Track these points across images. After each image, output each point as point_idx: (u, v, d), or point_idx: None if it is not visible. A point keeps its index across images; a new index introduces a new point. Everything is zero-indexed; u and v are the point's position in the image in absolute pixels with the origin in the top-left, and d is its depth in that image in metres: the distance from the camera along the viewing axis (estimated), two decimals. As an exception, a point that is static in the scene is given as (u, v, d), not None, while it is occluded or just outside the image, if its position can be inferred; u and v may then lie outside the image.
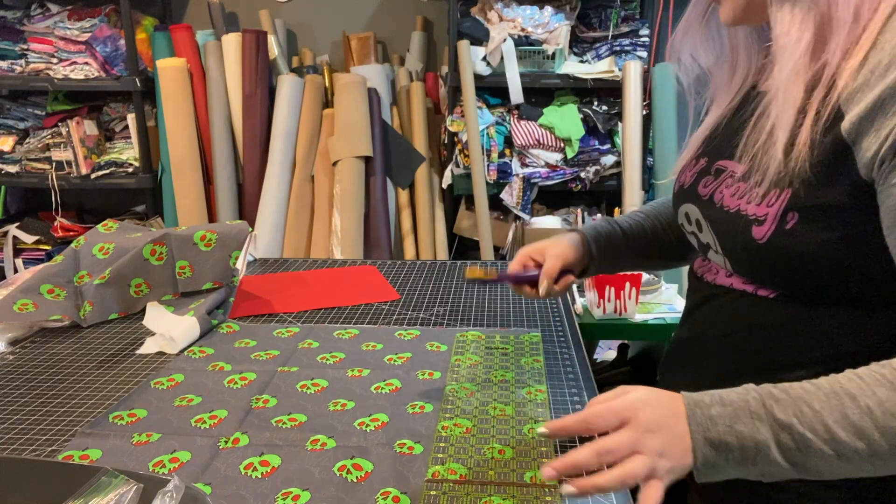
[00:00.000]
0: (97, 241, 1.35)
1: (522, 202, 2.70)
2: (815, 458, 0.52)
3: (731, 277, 0.71)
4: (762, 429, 0.53)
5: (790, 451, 0.52)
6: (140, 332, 1.24)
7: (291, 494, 0.77)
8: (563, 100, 2.78)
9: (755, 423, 0.53)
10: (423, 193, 2.82)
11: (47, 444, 0.87)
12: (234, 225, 1.36)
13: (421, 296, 1.44)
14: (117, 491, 0.67)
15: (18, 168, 2.85)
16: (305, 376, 1.06)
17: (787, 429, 0.52)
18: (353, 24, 3.10)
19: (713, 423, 0.54)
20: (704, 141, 0.78)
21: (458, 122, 2.70)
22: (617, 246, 0.96)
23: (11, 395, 1.00)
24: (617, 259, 0.97)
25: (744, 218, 0.65)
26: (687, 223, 0.77)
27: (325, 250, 2.71)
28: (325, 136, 2.77)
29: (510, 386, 1.03)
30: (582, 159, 2.70)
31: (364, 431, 0.90)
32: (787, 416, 0.52)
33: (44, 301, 1.24)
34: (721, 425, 0.54)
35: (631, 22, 2.76)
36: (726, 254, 0.70)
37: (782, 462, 0.52)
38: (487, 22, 2.72)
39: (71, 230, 2.93)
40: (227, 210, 2.79)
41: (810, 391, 0.53)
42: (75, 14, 2.76)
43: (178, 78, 2.70)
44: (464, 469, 0.81)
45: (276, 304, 1.38)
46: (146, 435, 0.89)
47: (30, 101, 2.90)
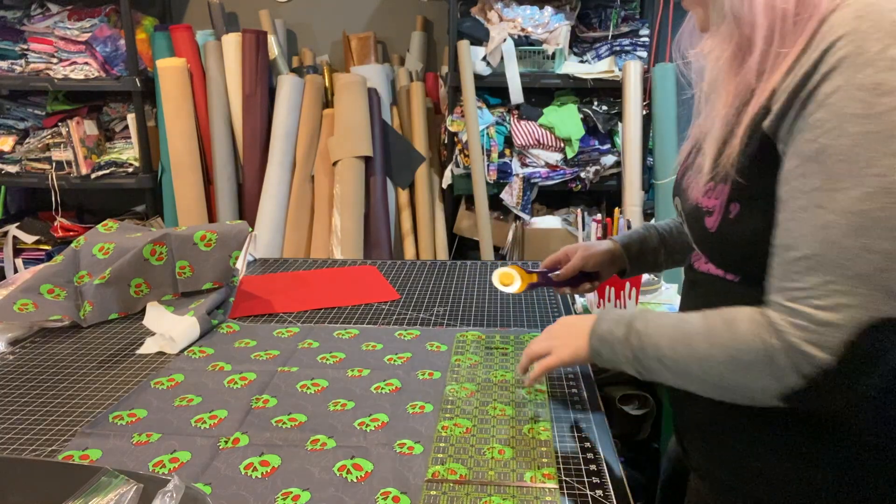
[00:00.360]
0: (97, 241, 1.35)
1: (522, 202, 2.70)
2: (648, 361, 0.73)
3: (708, 264, 0.77)
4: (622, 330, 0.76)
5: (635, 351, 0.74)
6: (140, 332, 1.24)
7: (291, 494, 0.77)
8: (563, 100, 2.78)
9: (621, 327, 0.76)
10: (423, 193, 2.82)
11: (47, 444, 0.87)
12: (234, 225, 1.36)
13: (421, 296, 1.44)
14: (117, 491, 0.67)
15: (18, 168, 2.85)
16: (305, 376, 1.06)
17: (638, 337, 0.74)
18: (353, 24, 3.10)
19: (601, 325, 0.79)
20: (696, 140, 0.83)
21: (458, 122, 2.70)
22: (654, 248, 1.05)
23: (11, 395, 1.00)
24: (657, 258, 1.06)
25: (701, 210, 0.72)
26: (678, 214, 0.85)
27: (325, 250, 2.71)
28: (325, 136, 2.77)
29: (510, 386, 1.03)
30: (582, 159, 2.70)
31: (364, 431, 0.90)
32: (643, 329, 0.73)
33: (44, 301, 1.24)
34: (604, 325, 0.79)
35: (631, 22, 2.76)
36: (694, 242, 0.78)
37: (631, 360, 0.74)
38: (487, 22, 2.72)
39: (71, 230, 2.93)
40: (227, 210, 2.79)
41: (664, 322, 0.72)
42: (75, 14, 2.76)
43: (178, 78, 2.70)
44: (464, 469, 0.81)
45: (276, 304, 1.38)
46: (146, 435, 0.89)
47: (30, 101, 2.90)
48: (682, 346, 0.68)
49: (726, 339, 0.65)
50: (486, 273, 1.59)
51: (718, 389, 0.67)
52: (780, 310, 0.61)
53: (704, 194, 0.72)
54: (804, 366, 0.59)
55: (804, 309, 0.59)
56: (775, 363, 0.61)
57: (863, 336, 0.57)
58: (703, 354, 0.66)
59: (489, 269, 1.62)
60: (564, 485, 0.79)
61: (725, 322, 0.65)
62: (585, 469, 0.82)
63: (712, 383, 0.67)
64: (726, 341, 0.64)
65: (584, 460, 0.84)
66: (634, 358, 0.74)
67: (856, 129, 0.56)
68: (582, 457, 0.85)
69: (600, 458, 0.84)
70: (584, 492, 0.78)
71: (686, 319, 0.70)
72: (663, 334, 0.71)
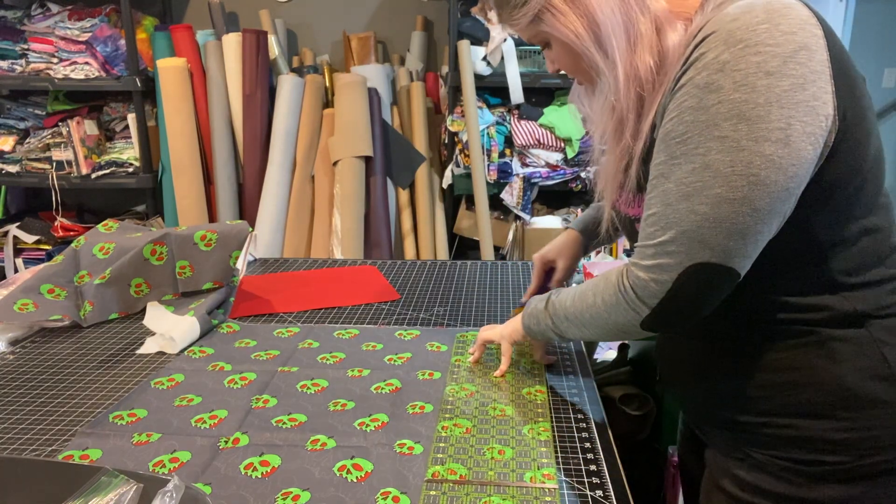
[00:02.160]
0: (97, 241, 1.35)
1: (523, 202, 2.70)
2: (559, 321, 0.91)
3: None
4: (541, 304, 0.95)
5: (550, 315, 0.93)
6: (140, 332, 1.24)
7: (291, 494, 0.77)
8: (563, 100, 2.77)
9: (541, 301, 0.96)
10: (423, 193, 2.82)
11: (47, 444, 0.87)
12: (234, 225, 1.36)
13: (421, 296, 1.44)
14: (117, 491, 0.67)
15: (19, 168, 2.85)
16: (305, 376, 1.06)
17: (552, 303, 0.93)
18: (353, 24, 3.10)
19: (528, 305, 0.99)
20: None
21: (459, 122, 2.70)
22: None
23: (11, 395, 1.00)
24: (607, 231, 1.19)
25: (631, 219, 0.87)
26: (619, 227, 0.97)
27: (325, 250, 2.71)
28: (325, 136, 2.77)
29: (510, 386, 1.03)
30: (582, 159, 2.70)
31: (364, 431, 0.90)
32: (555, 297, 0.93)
33: (44, 301, 1.24)
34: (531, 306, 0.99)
35: (631, 22, 2.76)
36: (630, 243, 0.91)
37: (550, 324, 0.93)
38: (488, 22, 2.72)
39: (71, 230, 2.93)
40: (227, 210, 2.79)
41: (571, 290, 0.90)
42: (76, 14, 2.76)
43: (179, 78, 2.70)
44: (464, 469, 0.81)
45: (276, 304, 1.38)
46: (146, 435, 0.89)
47: (30, 101, 2.90)
48: (579, 301, 0.87)
49: (602, 288, 0.83)
50: (486, 273, 1.59)
51: (605, 330, 0.85)
52: (636, 253, 0.77)
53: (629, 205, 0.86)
54: (647, 297, 0.75)
55: (646, 253, 0.75)
56: (629, 298, 0.78)
57: (685, 274, 0.72)
58: (590, 302, 0.84)
59: (489, 269, 1.62)
60: (564, 485, 0.79)
61: (604, 276, 0.84)
62: (585, 469, 0.82)
63: (599, 326, 0.84)
64: (601, 289, 0.83)
65: (584, 460, 0.84)
66: (552, 322, 0.92)
67: (689, 118, 0.69)
68: (582, 457, 0.85)
69: (600, 458, 0.84)
70: (584, 492, 0.78)
71: (585, 283, 0.88)
72: (568, 296, 0.90)
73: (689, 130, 0.69)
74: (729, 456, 0.86)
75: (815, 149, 0.68)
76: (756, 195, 0.67)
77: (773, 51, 0.65)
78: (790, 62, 0.65)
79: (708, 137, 0.68)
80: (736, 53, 0.66)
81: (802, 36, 0.66)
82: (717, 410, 0.86)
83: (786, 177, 0.67)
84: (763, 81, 0.65)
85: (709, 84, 0.67)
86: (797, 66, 0.65)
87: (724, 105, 0.67)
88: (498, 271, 1.60)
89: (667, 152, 0.72)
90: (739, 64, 0.66)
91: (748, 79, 0.66)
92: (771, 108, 0.65)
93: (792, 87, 0.65)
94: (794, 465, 0.79)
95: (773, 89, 0.65)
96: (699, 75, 0.68)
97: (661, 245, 0.73)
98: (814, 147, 0.68)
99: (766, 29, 0.66)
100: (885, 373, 0.76)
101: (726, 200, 0.68)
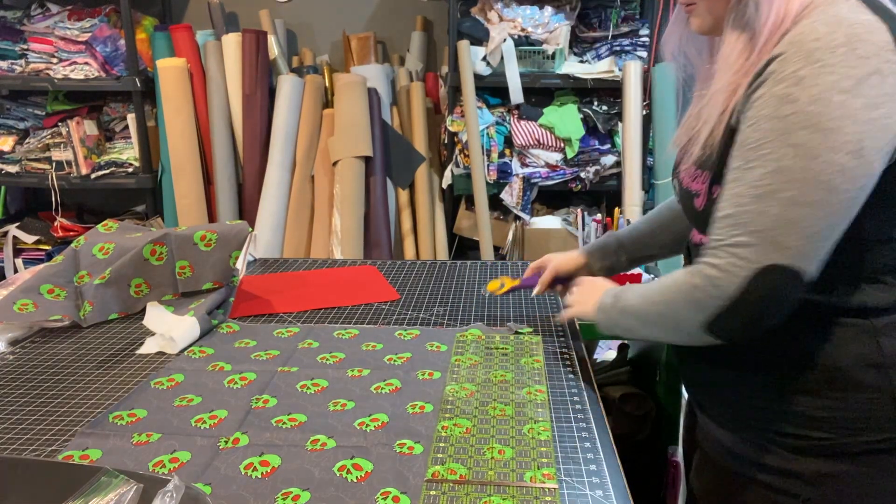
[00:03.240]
0: (97, 241, 1.35)
1: (522, 202, 2.70)
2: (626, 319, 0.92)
3: (702, 236, 0.90)
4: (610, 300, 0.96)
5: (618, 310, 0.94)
6: (140, 332, 1.24)
7: (291, 494, 0.77)
8: (563, 100, 2.78)
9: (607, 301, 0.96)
10: (423, 193, 2.82)
11: (47, 444, 0.87)
12: (234, 225, 1.36)
13: (421, 296, 1.44)
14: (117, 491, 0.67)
15: (18, 168, 2.85)
16: (305, 376, 1.06)
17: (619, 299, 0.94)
18: (353, 24, 3.10)
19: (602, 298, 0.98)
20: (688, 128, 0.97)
21: (458, 122, 2.70)
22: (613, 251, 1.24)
23: (11, 395, 1.00)
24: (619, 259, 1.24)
25: (690, 193, 0.88)
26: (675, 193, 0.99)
27: (325, 250, 2.71)
28: (325, 136, 2.77)
29: (510, 386, 1.03)
30: (582, 159, 2.70)
31: (364, 431, 0.90)
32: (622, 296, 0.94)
33: (44, 301, 1.24)
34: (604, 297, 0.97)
35: (631, 22, 2.76)
36: (688, 218, 0.93)
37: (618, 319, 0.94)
38: (487, 22, 2.72)
39: (71, 230, 2.93)
40: (227, 210, 2.79)
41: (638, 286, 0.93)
42: (75, 14, 2.76)
43: (178, 78, 2.70)
44: (464, 469, 0.81)
45: (276, 304, 1.38)
46: (146, 435, 0.89)
47: (30, 101, 2.90)
48: (645, 298, 0.88)
49: (668, 285, 0.84)
50: (486, 273, 1.59)
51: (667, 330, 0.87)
52: (706, 254, 0.79)
53: (693, 180, 0.88)
54: (716, 297, 0.76)
55: (718, 252, 0.77)
56: (696, 297, 0.79)
57: (757, 275, 0.74)
58: (656, 300, 0.86)
59: (489, 270, 1.62)
60: (564, 485, 0.79)
61: (670, 275, 0.85)
62: (585, 469, 0.82)
63: (662, 325, 0.86)
64: (668, 286, 0.84)
65: (584, 460, 0.84)
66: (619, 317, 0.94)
67: (766, 126, 0.73)
68: (582, 457, 0.85)
69: (600, 458, 0.84)
70: (584, 492, 0.78)
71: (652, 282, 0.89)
72: (635, 294, 0.91)
73: (764, 137, 0.73)
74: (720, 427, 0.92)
75: (882, 164, 0.72)
76: (828, 201, 0.70)
77: (848, 73, 0.69)
78: (863, 84, 0.69)
79: (783, 144, 0.71)
80: (813, 71, 0.70)
81: (877, 62, 0.70)
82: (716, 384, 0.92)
83: (855, 187, 0.71)
84: (838, 98, 0.69)
85: (786, 95, 0.71)
86: (870, 88, 0.69)
87: (799, 116, 0.70)
88: (498, 271, 1.60)
89: (742, 158, 0.75)
90: (816, 80, 0.70)
91: (824, 94, 0.69)
92: (845, 122, 0.69)
93: (865, 107, 0.69)
94: (780, 438, 0.85)
95: (848, 106, 0.69)
96: (777, 87, 0.72)
97: (733, 245, 0.75)
98: (881, 162, 0.72)
99: (844, 52, 0.70)
100: (878, 360, 0.80)
101: (798, 203, 0.71)
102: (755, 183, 0.73)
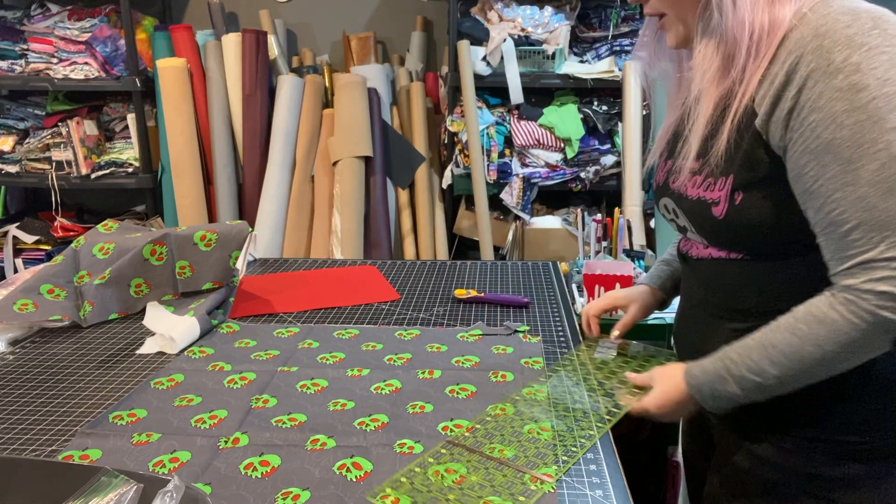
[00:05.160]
0: (97, 241, 1.35)
1: (522, 202, 2.70)
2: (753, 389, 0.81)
3: (709, 249, 0.90)
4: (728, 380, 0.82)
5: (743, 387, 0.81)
6: (140, 332, 1.24)
7: (291, 494, 0.77)
8: (563, 100, 2.77)
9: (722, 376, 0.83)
10: (423, 193, 2.82)
11: (47, 444, 0.87)
12: (234, 225, 1.36)
13: (421, 296, 1.44)
14: (117, 491, 0.67)
15: (18, 168, 2.85)
16: (305, 376, 1.06)
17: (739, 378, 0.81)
18: (353, 24, 3.10)
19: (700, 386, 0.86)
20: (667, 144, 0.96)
21: (458, 122, 2.70)
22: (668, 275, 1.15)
23: (11, 395, 1.00)
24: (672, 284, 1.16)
25: (704, 203, 0.85)
26: (666, 212, 0.96)
27: (325, 250, 2.71)
28: (325, 136, 2.77)
29: (510, 386, 1.03)
30: (582, 159, 2.70)
31: (364, 431, 0.90)
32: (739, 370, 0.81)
33: (44, 301, 1.24)
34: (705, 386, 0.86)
35: (631, 22, 2.76)
36: (699, 231, 0.89)
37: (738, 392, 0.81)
38: (487, 22, 2.72)
39: (71, 230, 2.93)
40: (227, 210, 2.79)
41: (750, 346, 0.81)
42: (75, 14, 2.76)
43: (178, 78, 2.70)
44: (464, 469, 0.81)
45: (276, 304, 1.38)
46: (146, 435, 0.89)
47: (30, 101, 2.90)
48: (788, 360, 0.77)
49: (831, 335, 0.74)
50: (486, 273, 1.59)
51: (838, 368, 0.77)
52: (854, 275, 0.72)
53: (705, 189, 0.84)
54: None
55: (877, 265, 0.70)
56: (879, 321, 0.71)
57: None
58: (819, 357, 0.76)
59: (489, 269, 1.62)
60: (564, 485, 0.79)
61: (817, 322, 0.75)
62: (585, 469, 0.82)
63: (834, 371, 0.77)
64: (832, 336, 0.74)
65: (584, 460, 0.84)
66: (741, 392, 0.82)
67: (850, 121, 0.70)
68: (582, 457, 0.85)
69: (600, 458, 0.84)
70: (584, 492, 0.78)
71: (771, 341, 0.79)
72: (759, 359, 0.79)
73: (856, 133, 0.70)
74: (745, 434, 0.89)
75: None
76: None
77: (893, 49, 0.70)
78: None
79: (881, 131, 0.69)
80: (865, 55, 0.70)
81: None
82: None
83: None
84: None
85: (852, 86, 0.70)
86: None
87: (880, 100, 0.69)
88: (498, 271, 1.60)
89: (839, 161, 0.71)
90: (873, 62, 0.69)
91: (888, 73, 0.69)
92: None
93: None
94: (815, 444, 0.83)
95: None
96: (834, 80, 0.70)
97: (889, 251, 0.70)
98: None
99: (879, 33, 0.70)
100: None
101: None
102: (874, 179, 0.69)
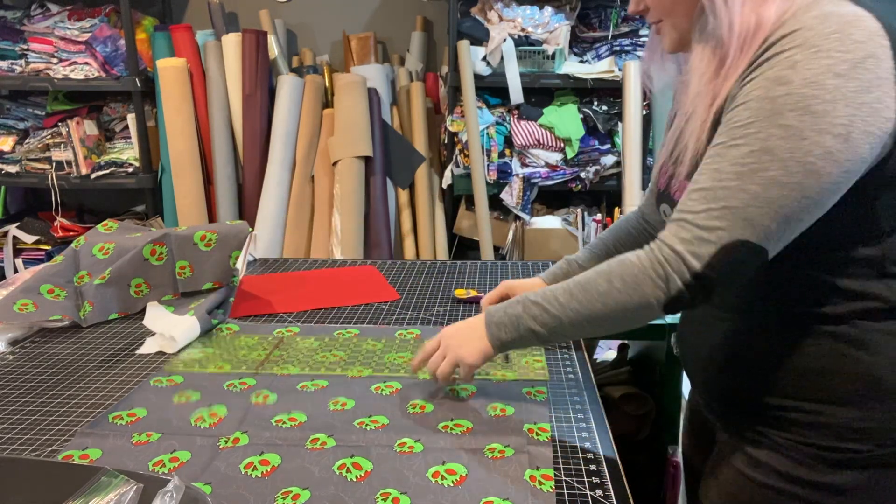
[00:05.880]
0: (97, 241, 1.35)
1: (522, 202, 2.70)
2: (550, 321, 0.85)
3: None
4: (518, 308, 0.89)
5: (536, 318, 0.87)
6: (140, 332, 1.24)
7: (291, 494, 0.77)
8: (563, 100, 2.78)
9: (515, 306, 0.89)
10: (423, 193, 2.82)
11: (47, 444, 0.87)
12: (234, 225, 1.36)
13: (421, 296, 1.44)
14: (117, 491, 0.67)
15: (18, 168, 2.85)
16: (305, 377, 1.06)
17: (534, 305, 0.87)
18: (353, 24, 3.10)
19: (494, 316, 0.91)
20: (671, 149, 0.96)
21: (458, 122, 2.70)
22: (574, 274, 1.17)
23: (11, 395, 1.00)
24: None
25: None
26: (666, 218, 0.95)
27: (325, 250, 2.71)
28: (325, 136, 2.78)
29: (510, 386, 1.03)
30: (582, 159, 2.70)
31: (364, 430, 0.90)
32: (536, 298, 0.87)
33: (44, 301, 1.24)
34: (497, 314, 0.91)
35: (631, 22, 2.76)
36: None
37: (534, 326, 0.86)
38: (487, 22, 2.72)
39: (71, 230, 2.93)
40: (227, 210, 2.79)
41: (553, 288, 0.86)
42: (75, 14, 2.76)
43: (178, 78, 2.70)
44: (463, 469, 0.81)
45: (276, 304, 1.38)
46: (146, 435, 0.89)
47: (30, 101, 2.90)
48: (585, 292, 0.83)
49: (621, 271, 0.80)
50: (486, 273, 1.59)
51: (617, 319, 0.82)
52: (670, 228, 0.77)
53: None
54: (680, 273, 0.75)
55: (688, 226, 0.75)
56: (658, 274, 0.77)
57: (724, 250, 0.73)
58: (603, 290, 0.81)
59: (489, 269, 1.62)
60: (564, 485, 0.79)
61: (618, 261, 0.82)
62: (585, 469, 0.82)
63: (611, 315, 0.82)
64: (622, 272, 0.80)
65: (584, 460, 0.84)
66: (538, 324, 0.87)
67: (755, 105, 0.73)
68: (582, 457, 0.85)
69: (600, 458, 0.84)
70: (584, 492, 0.78)
71: (575, 279, 0.85)
72: (558, 293, 0.86)
73: (752, 116, 0.73)
74: (743, 437, 0.89)
75: (871, 148, 0.71)
76: (809, 183, 0.71)
77: (843, 56, 0.70)
78: (858, 67, 0.69)
79: (771, 124, 0.71)
80: (808, 55, 0.71)
81: (871, 46, 0.70)
82: (743, 392, 0.88)
83: (839, 171, 0.71)
84: (832, 81, 0.69)
85: (779, 78, 0.72)
86: (865, 71, 0.70)
87: (791, 97, 0.71)
88: (498, 271, 1.60)
89: (727, 135, 0.75)
90: (811, 64, 0.70)
91: (818, 77, 0.70)
92: (836, 105, 0.69)
93: (858, 90, 0.69)
94: (815, 451, 0.82)
95: (841, 89, 0.69)
96: (770, 70, 0.73)
97: (704, 220, 0.74)
98: (871, 146, 0.71)
99: (838, 38, 0.70)
100: None
101: (779, 184, 0.71)
102: (739, 160, 0.73)
